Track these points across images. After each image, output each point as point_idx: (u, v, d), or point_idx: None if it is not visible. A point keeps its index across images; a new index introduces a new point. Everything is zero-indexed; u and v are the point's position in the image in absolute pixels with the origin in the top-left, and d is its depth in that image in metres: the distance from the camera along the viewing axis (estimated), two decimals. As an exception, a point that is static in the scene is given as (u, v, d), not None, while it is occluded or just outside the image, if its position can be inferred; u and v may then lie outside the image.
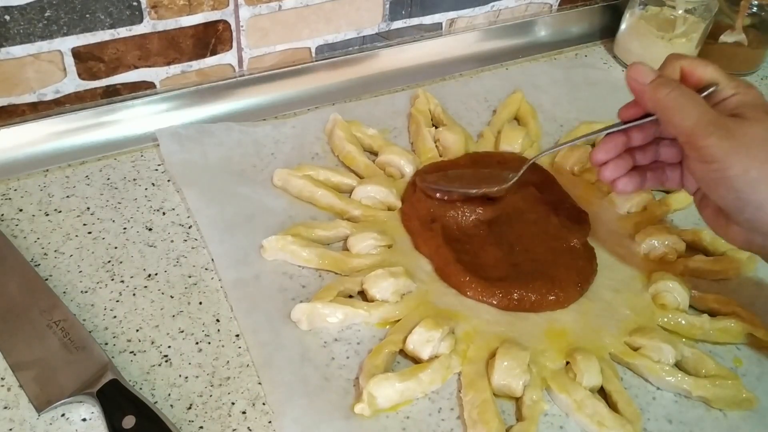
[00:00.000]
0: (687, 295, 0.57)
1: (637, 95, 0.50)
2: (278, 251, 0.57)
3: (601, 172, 0.54)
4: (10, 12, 0.60)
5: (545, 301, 0.56)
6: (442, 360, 0.51)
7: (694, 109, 0.47)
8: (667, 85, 0.48)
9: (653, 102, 0.49)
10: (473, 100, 0.76)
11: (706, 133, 0.46)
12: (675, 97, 0.48)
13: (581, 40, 0.88)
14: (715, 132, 0.46)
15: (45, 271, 0.56)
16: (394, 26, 0.79)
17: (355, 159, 0.66)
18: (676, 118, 0.48)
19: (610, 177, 0.54)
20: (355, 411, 0.48)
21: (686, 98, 0.48)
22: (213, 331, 0.53)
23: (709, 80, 0.50)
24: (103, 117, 0.67)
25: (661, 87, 0.49)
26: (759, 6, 0.81)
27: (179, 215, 0.61)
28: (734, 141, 0.46)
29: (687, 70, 0.50)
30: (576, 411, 0.49)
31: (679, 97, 0.48)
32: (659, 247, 0.61)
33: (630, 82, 0.50)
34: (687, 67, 0.50)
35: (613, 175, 0.54)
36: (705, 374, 0.53)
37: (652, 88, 0.49)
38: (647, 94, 0.49)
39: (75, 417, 0.47)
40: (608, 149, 0.54)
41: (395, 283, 0.55)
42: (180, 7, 0.66)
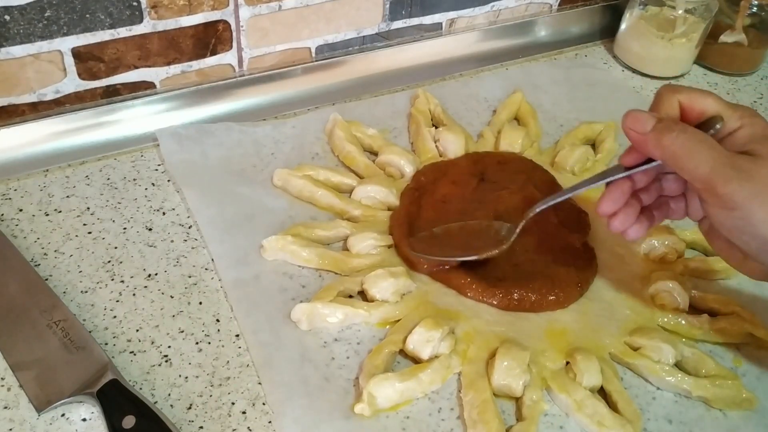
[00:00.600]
0: (687, 295, 0.57)
1: (639, 145, 0.47)
2: (278, 251, 0.57)
3: (610, 224, 0.51)
4: (10, 12, 0.60)
5: (545, 301, 0.56)
6: (442, 360, 0.51)
7: (707, 153, 0.44)
8: (671, 130, 0.45)
9: (659, 150, 0.45)
10: (473, 100, 0.76)
11: (725, 179, 0.43)
12: (683, 142, 0.44)
13: (581, 40, 0.88)
14: (734, 177, 0.43)
15: (45, 271, 0.56)
16: (394, 26, 0.79)
17: (355, 159, 0.66)
18: (690, 165, 0.44)
19: (621, 228, 0.51)
20: (355, 411, 0.48)
21: (695, 141, 0.44)
22: (213, 331, 0.53)
23: (711, 113, 0.46)
24: (103, 117, 0.67)
25: (665, 133, 0.45)
26: (759, 6, 0.81)
27: (179, 215, 0.61)
28: (755, 184, 0.43)
29: (686, 104, 0.47)
30: (576, 411, 0.49)
31: (687, 142, 0.44)
32: (659, 247, 0.61)
33: (628, 132, 0.46)
34: (685, 101, 0.47)
35: (623, 225, 0.51)
36: (705, 374, 0.52)
37: (655, 136, 0.45)
38: (651, 143, 0.46)
39: (75, 417, 0.47)
40: (615, 198, 0.50)
41: (395, 283, 0.55)
42: (180, 7, 0.66)
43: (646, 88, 0.82)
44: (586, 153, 0.69)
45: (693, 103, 0.47)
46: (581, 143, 0.71)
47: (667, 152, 0.45)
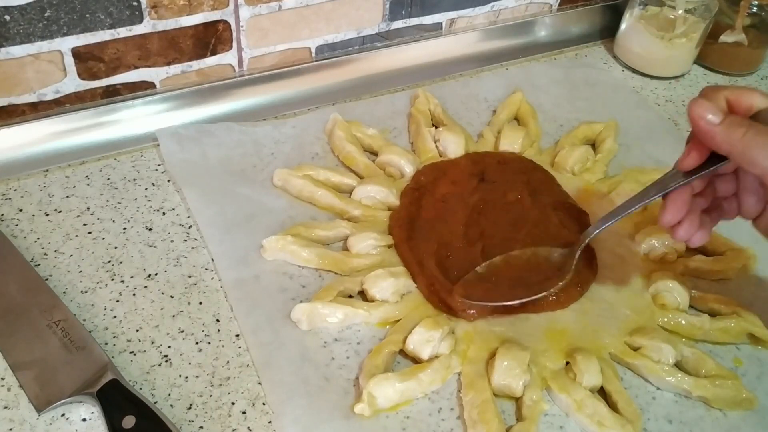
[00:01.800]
0: (687, 295, 0.57)
1: (707, 136, 0.46)
2: (278, 251, 0.57)
3: (675, 234, 0.51)
4: (10, 12, 0.60)
5: (545, 301, 0.56)
6: (442, 360, 0.51)
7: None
8: (741, 125, 0.45)
9: (728, 144, 0.45)
10: (473, 100, 0.76)
11: None
12: (752, 136, 0.44)
13: (581, 40, 0.88)
14: None
15: (45, 271, 0.56)
16: (394, 26, 0.79)
17: (355, 159, 0.66)
18: (759, 159, 0.44)
19: (685, 237, 0.51)
20: (355, 411, 0.48)
21: (764, 135, 0.44)
22: (213, 331, 0.53)
23: (760, 107, 0.46)
24: (103, 117, 0.67)
25: (735, 127, 0.45)
26: (759, 6, 0.81)
27: (179, 215, 0.61)
28: None
29: (733, 100, 0.47)
30: (576, 411, 0.49)
31: (756, 136, 0.44)
32: (659, 247, 0.61)
33: (697, 121, 0.46)
34: (732, 97, 0.47)
35: (688, 234, 0.50)
36: (705, 374, 0.53)
37: (725, 129, 0.45)
38: (720, 136, 0.45)
39: (75, 417, 0.47)
40: (678, 208, 0.50)
41: (395, 283, 0.55)
42: (180, 7, 0.66)
43: (646, 88, 0.82)
44: (586, 153, 0.68)
45: (740, 99, 0.47)
46: (581, 143, 0.71)
47: (736, 147, 0.45)
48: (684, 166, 0.49)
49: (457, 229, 0.60)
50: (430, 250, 0.58)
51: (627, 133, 0.73)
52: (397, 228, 0.60)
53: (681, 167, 0.49)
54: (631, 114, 0.76)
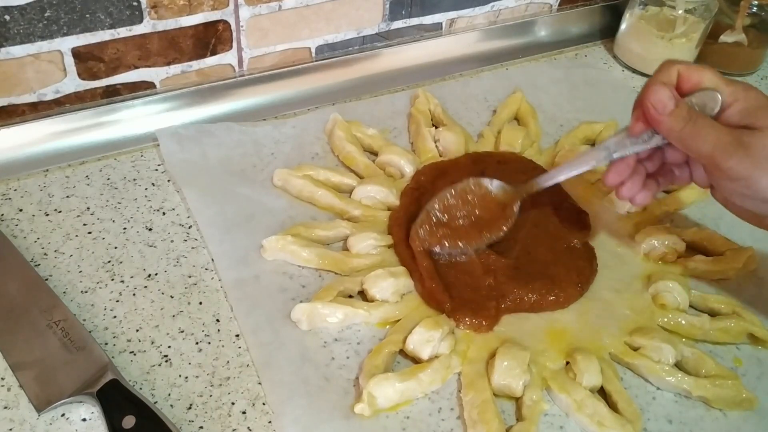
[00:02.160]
0: (687, 295, 0.57)
1: (654, 122, 0.51)
2: (278, 251, 0.57)
3: (618, 193, 0.55)
4: (10, 12, 0.60)
5: (545, 301, 0.56)
6: (442, 360, 0.51)
7: (709, 134, 0.48)
8: (683, 118, 0.49)
9: (668, 133, 0.50)
10: (473, 100, 0.76)
11: (726, 156, 0.47)
12: (691, 128, 0.49)
13: (581, 40, 0.88)
14: (734, 153, 0.47)
15: (45, 271, 0.56)
16: (394, 26, 0.79)
17: (355, 159, 0.66)
18: (694, 146, 0.49)
19: (628, 195, 0.55)
20: (355, 411, 0.48)
21: (701, 125, 0.49)
22: (213, 331, 0.53)
23: (706, 85, 0.50)
24: (103, 117, 0.67)
25: (677, 119, 0.49)
26: (759, 6, 0.81)
27: (179, 215, 0.61)
28: (755, 156, 0.47)
29: (684, 74, 0.51)
30: (576, 411, 0.49)
31: (695, 128, 0.49)
32: (659, 247, 0.61)
33: (648, 109, 0.50)
34: (684, 72, 0.51)
35: (631, 193, 0.54)
36: (705, 374, 0.52)
37: (670, 119, 0.49)
38: (664, 125, 0.50)
39: (75, 417, 0.47)
40: (621, 171, 0.54)
41: (395, 283, 0.55)
42: (180, 7, 0.66)
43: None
44: (586, 153, 0.68)
45: (690, 75, 0.51)
46: (581, 143, 0.71)
47: (675, 135, 0.50)
48: (633, 132, 0.53)
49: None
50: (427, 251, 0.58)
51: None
52: (397, 228, 0.60)
53: (630, 133, 0.53)
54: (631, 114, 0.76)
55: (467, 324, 0.54)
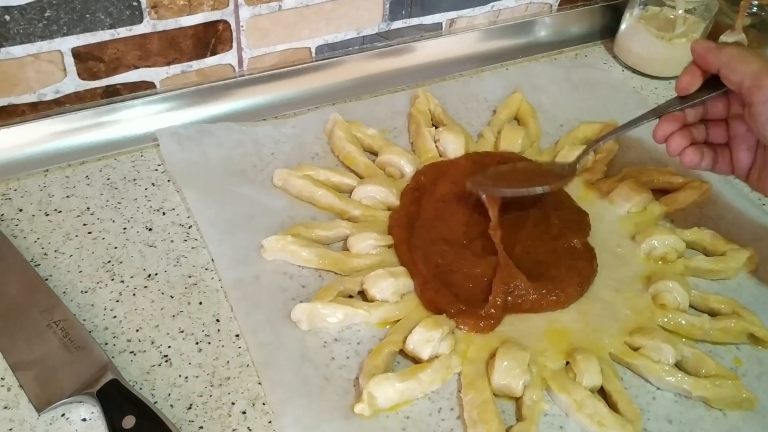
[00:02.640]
0: (687, 295, 0.57)
1: (701, 57, 0.55)
2: (278, 251, 0.57)
3: (668, 146, 0.57)
4: (10, 12, 0.60)
5: (545, 301, 0.56)
6: (442, 360, 0.51)
7: (756, 57, 0.53)
8: (726, 46, 0.55)
9: (717, 58, 0.54)
10: (473, 100, 0.76)
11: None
12: (737, 51, 0.53)
13: (581, 40, 0.88)
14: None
15: (45, 271, 0.56)
16: (394, 26, 0.79)
17: (355, 159, 0.66)
18: (741, 66, 0.52)
19: (677, 148, 0.57)
20: (355, 411, 0.48)
21: (746, 51, 0.54)
22: (213, 331, 0.53)
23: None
24: (103, 117, 0.67)
25: (722, 48, 0.54)
26: (759, 6, 0.81)
27: (179, 215, 0.61)
28: None
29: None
30: (576, 411, 0.49)
31: (741, 51, 0.54)
32: (659, 247, 0.61)
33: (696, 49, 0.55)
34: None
35: (680, 146, 0.57)
36: (705, 374, 0.53)
37: (716, 49, 0.54)
38: (711, 54, 0.54)
39: (75, 417, 0.47)
40: (669, 124, 0.57)
41: (395, 283, 0.55)
42: (180, 7, 0.66)
43: (646, 88, 0.82)
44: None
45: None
46: (581, 143, 0.71)
47: (723, 58, 0.53)
48: (682, 87, 0.56)
49: (457, 229, 0.60)
50: (427, 251, 0.58)
51: (627, 133, 0.72)
52: (397, 228, 0.60)
53: (679, 90, 0.56)
54: (631, 114, 0.75)
55: (468, 325, 0.54)
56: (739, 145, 0.57)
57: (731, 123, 0.57)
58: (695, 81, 0.55)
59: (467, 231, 0.60)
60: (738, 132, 0.57)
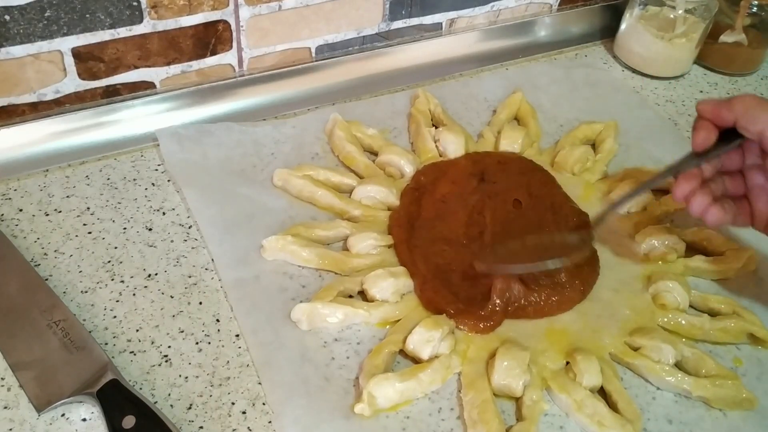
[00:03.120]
0: (687, 295, 0.57)
1: (713, 113, 0.52)
2: (278, 251, 0.57)
3: (690, 206, 0.54)
4: (10, 12, 0.60)
5: (548, 305, 0.56)
6: (442, 360, 0.51)
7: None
8: (739, 96, 0.52)
9: (731, 111, 0.51)
10: (473, 100, 0.76)
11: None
12: (751, 98, 0.51)
13: (581, 40, 0.88)
14: None
15: (45, 271, 0.56)
16: (394, 26, 0.79)
17: (355, 159, 0.66)
18: (760, 115, 0.50)
19: (699, 208, 0.54)
20: (355, 411, 0.48)
21: (760, 99, 0.51)
22: (213, 331, 0.53)
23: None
24: (103, 117, 0.67)
25: (733, 99, 0.52)
26: (759, 6, 0.81)
27: (179, 215, 0.61)
28: None
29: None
30: (576, 411, 0.49)
31: (755, 98, 0.51)
32: (659, 247, 0.61)
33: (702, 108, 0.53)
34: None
35: (701, 205, 0.54)
36: (705, 374, 0.53)
37: (726, 102, 0.52)
38: (723, 108, 0.51)
39: (75, 417, 0.47)
40: (688, 182, 0.54)
41: (395, 283, 0.55)
42: (180, 7, 0.66)
43: (646, 88, 0.82)
44: (586, 153, 0.69)
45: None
46: (581, 143, 0.71)
47: (738, 109, 0.51)
48: (695, 143, 0.53)
49: (456, 229, 0.60)
50: (427, 251, 0.58)
51: (627, 133, 0.73)
52: (397, 228, 0.60)
53: (695, 146, 0.53)
54: (631, 114, 0.76)
55: (467, 326, 0.54)
56: (758, 195, 0.55)
57: (748, 174, 0.55)
58: (711, 136, 0.52)
59: (467, 231, 0.60)
60: (757, 182, 0.55)
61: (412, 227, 0.60)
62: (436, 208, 0.62)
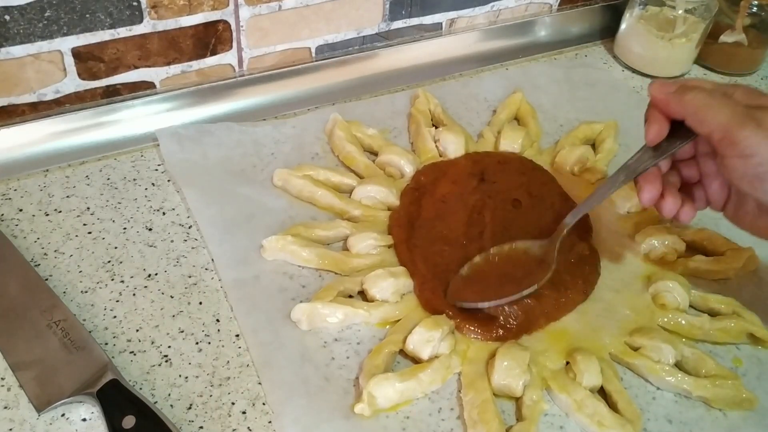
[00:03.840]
0: (687, 295, 0.57)
1: (663, 105, 0.51)
2: (278, 251, 0.57)
3: (663, 209, 0.53)
4: (10, 12, 0.60)
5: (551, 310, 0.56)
6: (442, 360, 0.51)
7: (723, 105, 0.48)
8: (692, 89, 0.49)
9: (681, 107, 0.49)
10: (473, 100, 0.76)
11: (741, 125, 0.46)
12: (702, 97, 0.48)
13: (581, 40, 0.88)
14: (748, 123, 0.46)
15: (45, 271, 0.56)
16: (394, 26, 0.79)
17: (355, 159, 0.66)
18: (709, 116, 0.48)
19: (673, 210, 0.53)
20: (355, 411, 0.48)
21: (713, 97, 0.48)
22: (213, 331, 0.53)
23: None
24: (103, 117, 0.67)
25: (686, 92, 0.49)
26: (759, 6, 0.81)
27: (179, 215, 0.61)
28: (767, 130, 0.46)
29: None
30: (576, 411, 0.49)
31: (705, 97, 0.48)
32: (659, 247, 0.61)
33: (654, 94, 0.51)
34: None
35: (674, 207, 0.53)
36: (705, 374, 0.52)
37: (677, 95, 0.50)
38: (673, 102, 0.50)
39: (75, 417, 0.47)
40: (652, 185, 0.53)
41: (395, 283, 0.55)
42: (180, 7, 0.66)
43: (646, 88, 0.81)
44: (586, 153, 0.68)
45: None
46: (581, 143, 0.71)
47: (688, 107, 0.49)
48: (649, 138, 0.52)
49: (457, 229, 0.60)
50: (427, 251, 0.58)
51: (627, 133, 0.73)
52: (397, 228, 0.60)
53: (648, 141, 0.52)
54: (631, 114, 0.76)
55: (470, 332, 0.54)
56: (711, 182, 0.54)
57: (701, 160, 0.55)
58: (663, 129, 0.51)
59: (467, 231, 0.60)
60: (709, 170, 0.54)
61: (412, 227, 0.60)
62: (436, 208, 0.62)
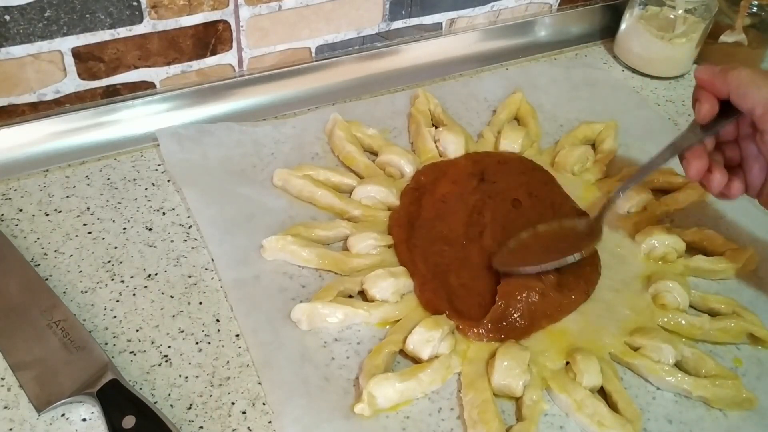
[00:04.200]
0: (687, 295, 0.57)
1: (709, 85, 0.53)
2: (278, 251, 0.57)
3: (710, 186, 0.55)
4: (10, 12, 0.60)
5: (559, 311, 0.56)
6: (442, 360, 0.51)
7: (765, 81, 0.50)
8: (734, 68, 0.52)
9: (725, 84, 0.52)
10: (473, 100, 0.76)
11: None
12: (746, 74, 0.51)
13: (581, 40, 0.88)
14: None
15: (45, 271, 0.56)
16: (394, 26, 0.79)
17: (355, 159, 0.66)
18: (751, 91, 0.50)
19: (720, 184, 0.54)
20: (355, 411, 0.48)
21: (756, 74, 0.51)
22: (213, 331, 0.53)
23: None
24: (103, 117, 0.67)
25: (729, 71, 0.52)
26: (759, 6, 0.81)
27: (179, 215, 0.61)
28: None
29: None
30: (576, 411, 0.49)
31: (750, 74, 0.51)
32: (659, 247, 0.61)
33: (699, 75, 0.53)
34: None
35: (722, 183, 0.54)
36: (705, 374, 0.53)
37: (722, 74, 0.52)
38: (718, 80, 0.52)
39: (75, 417, 0.47)
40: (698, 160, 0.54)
41: (395, 283, 0.55)
42: (180, 7, 0.66)
43: (646, 88, 0.82)
44: (586, 153, 0.69)
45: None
46: (581, 143, 0.71)
47: (732, 83, 0.51)
48: (703, 116, 0.53)
49: (457, 229, 0.60)
50: (427, 251, 0.58)
51: (627, 133, 0.73)
52: (397, 228, 0.60)
53: (700, 119, 0.54)
54: (631, 114, 0.76)
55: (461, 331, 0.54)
56: (752, 165, 0.55)
57: (742, 143, 0.56)
58: (714, 107, 0.53)
59: (467, 231, 0.60)
60: (750, 152, 0.55)
61: (412, 227, 0.60)
62: (436, 208, 0.62)
